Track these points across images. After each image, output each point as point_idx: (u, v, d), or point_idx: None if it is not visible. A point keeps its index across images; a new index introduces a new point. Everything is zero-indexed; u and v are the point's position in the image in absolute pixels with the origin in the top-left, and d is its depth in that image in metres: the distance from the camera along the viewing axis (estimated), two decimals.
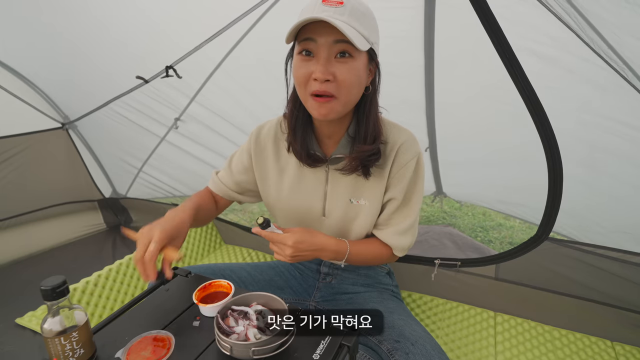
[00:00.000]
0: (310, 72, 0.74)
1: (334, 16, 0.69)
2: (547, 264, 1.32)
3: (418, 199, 0.91)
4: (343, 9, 0.70)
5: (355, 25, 0.71)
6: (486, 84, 1.32)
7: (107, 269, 1.47)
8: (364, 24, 0.72)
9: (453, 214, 2.81)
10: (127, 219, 2.44)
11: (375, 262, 0.97)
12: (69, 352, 0.56)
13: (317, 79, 0.73)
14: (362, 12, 0.72)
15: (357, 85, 0.77)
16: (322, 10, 0.70)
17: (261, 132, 0.96)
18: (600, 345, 1.27)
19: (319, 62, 0.72)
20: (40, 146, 2.01)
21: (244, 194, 1.03)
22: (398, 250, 0.94)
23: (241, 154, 1.00)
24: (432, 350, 0.75)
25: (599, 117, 1.07)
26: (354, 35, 0.69)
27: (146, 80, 1.62)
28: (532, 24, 0.99)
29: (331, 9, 0.70)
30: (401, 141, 0.87)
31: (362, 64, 0.75)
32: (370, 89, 0.82)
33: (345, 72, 0.73)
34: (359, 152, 0.83)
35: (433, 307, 1.46)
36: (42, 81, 1.87)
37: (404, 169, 0.87)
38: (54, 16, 1.46)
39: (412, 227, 0.92)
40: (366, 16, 0.73)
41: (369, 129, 0.83)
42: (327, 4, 0.70)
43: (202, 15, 1.36)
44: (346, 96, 0.76)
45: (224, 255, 1.90)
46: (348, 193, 0.91)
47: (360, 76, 0.76)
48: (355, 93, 0.78)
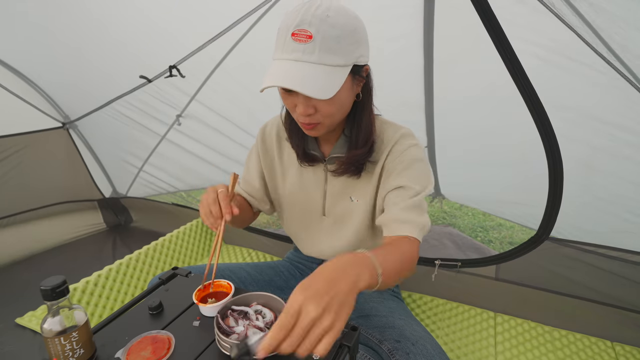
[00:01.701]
0: (294, 104, 0.74)
1: (302, 58, 0.67)
2: (547, 264, 1.32)
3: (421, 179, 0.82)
4: (313, 45, 0.66)
5: (328, 60, 0.67)
6: (486, 84, 1.31)
7: (107, 269, 1.47)
8: (339, 50, 0.67)
9: (453, 214, 2.81)
10: (128, 218, 2.44)
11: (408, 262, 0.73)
12: (69, 352, 0.56)
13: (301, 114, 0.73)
14: (335, 36, 0.66)
15: (341, 109, 0.77)
16: (292, 50, 0.67)
17: (265, 131, 0.98)
18: (600, 346, 1.27)
19: (299, 101, 0.72)
20: (40, 145, 2.01)
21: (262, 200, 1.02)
22: (413, 226, 0.78)
23: (250, 158, 1.01)
24: (433, 351, 0.75)
25: (599, 117, 1.07)
26: (320, 84, 0.67)
27: (149, 80, 1.62)
28: (532, 24, 0.99)
29: (300, 47, 0.66)
30: (397, 137, 0.85)
31: (344, 87, 0.72)
32: (361, 95, 0.80)
33: (326, 106, 0.72)
34: (350, 157, 0.84)
35: (433, 308, 1.46)
36: (43, 81, 1.88)
37: (400, 157, 0.83)
38: (54, 16, 1.46)
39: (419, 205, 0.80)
40: (341, 39, 0.67)
41: (361, 133, 0.82)
42: (296, 40, 0.66)
43: (206, 15, 1.36)
44: (331, 120, 0.77)
45: (224, 255, 1.90)
46: (348, 192, 0.91)
47: (343, 100, 0.75)
48: (342, 114, 0.78)
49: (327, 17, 0.66)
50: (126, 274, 1.53)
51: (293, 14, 0.68)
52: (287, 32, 0.67)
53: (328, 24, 0.66)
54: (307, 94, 0.66)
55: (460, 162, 1.83)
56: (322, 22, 0.66)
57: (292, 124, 0.87)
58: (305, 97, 0.71)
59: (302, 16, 0.66)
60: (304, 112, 0.73)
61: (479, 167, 1.72)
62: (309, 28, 0.65)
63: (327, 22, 0.66)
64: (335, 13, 0.67)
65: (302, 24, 0.66)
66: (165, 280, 0.82)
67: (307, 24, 0.66)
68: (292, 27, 0.67)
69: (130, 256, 1.58)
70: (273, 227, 2.31)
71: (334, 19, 0.67)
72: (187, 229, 1.88)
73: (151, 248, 1.67)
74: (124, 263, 1.53)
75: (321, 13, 0.66)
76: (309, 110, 0.72)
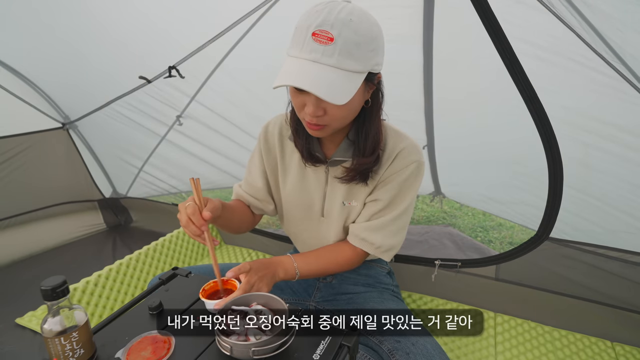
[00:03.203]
0: (303, 103, 0.73)
1: (321, 60, 0.65)
2: (547, 264, 1.32)
3: (403, 204, 0.88)
4: (333, 48, 0.64)
5: (346, 65, 0.66)
6: (485, 84, 1.32)
7: (107, 269, 1.47)
8: (359, 56, 0.67)
9: (453, 214, 2.81)
10: (127, 218, 2.44)
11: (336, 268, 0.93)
12: (69, 352, 0.56)
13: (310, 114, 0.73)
14: (356, 43, 0.66)
15: (350, 114, 0.77)
16: (311, 50, 0.66)
17: (268, 129, 0.97)
18: (600, 346, 1.27)
19: (310, 101, 0.72)
20: (40, 146, 2.01)
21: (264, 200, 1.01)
22: (377, 249, 0.89)
23: (252, 159, 1.01)
24: (433, 351, 0.75)
25: (599, 117, 1.07)
26: (337, 91, 0.66)
27: (149, 80, 1.62)
28: (532, 24, 0.99)
29: (320, 49, 0.65)
30: (399, 148, 0.85)
31: (356, 93, 0.72)
32: (370, 102, 0.79)
33: (336, 109, 0.72)
34: (358, 165, 0.83)
35: (433, 308, 1.46)
36: (43, 81, 1.88)
37: (395, 174, 0.86)
38: (54, 16, 1.46)
39: (387, 227, 0.88)
40: (361, 46, 0.66)
41: (368, 141, 0.82)
42: (317, 40, 0.65)
43: (206, 15, 1.36)
44: (339, 124, 0.77)
45: (224, 256, 1.90)
46: (343, 195, 0.91)
47: (353, 106, 0.75)
48: (350, 118, 0.78)
49: (350, 22, 0.65)
50: (126, 274, 1.53)
51: (314, 13, 0.66)
52: (308, 31, 0.66)
53: (351, 28, 0.65)
54: (322, 97, 0.65)
55: (460, 161, 1.83)
56: (344, 25, 0.65)
57: (298, 124, 0.86)
58: (317, 98, 0.69)
59: (325, 17, 0.65)
60: (313, 113, 0.72)
61: (479, 167, 1.72)
62: (331, 30, 0.64)
63: (349, 26, 0.65)
64: (358, 18, 0.66)
65: (324, 25, 0.64)
66: (165, 280, 0.82)
67: (330, 25, 0.64)
68: (313, 26, 0.65)
69: (130, 256, 1.58)
70: (273, 227, 2.31)
71: (356, 24, 0.65)
72: None
73: (151, 248, 1.68)
74: (124, 263, 1.53)
75: (344, 17, 0.65)
76: (318, 111, 0.72)
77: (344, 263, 0.93)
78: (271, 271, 0.80)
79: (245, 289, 0.72)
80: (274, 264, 0.83)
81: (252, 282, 0.73)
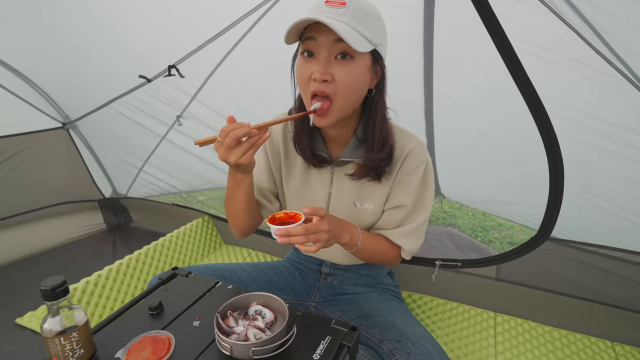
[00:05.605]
0: (311, 73, 0.74)
1: (335, 17, 0.69)
2: (547, 264, 1.32)
3: (427, 205, 0.92)
4: (345, 10, 0.69)
5: (357, 26, 0.70)
6: (486, 84, 1.31)
7: (107, 269, 1.47)
8: (368, 24, 0.71)
9: (453, 214, 2.81)
10: (128, 218, 2.44)
11: (381, 259, 0.95)
12: (69, 352, 0.56)
13: (316, 79, 0.73)
14: (366, 12, 0.71)
15: (355, 89, 0.76)
16: (324, 12, 0.70)
17: (271, 130, 0.96)
18: (600, 346, 1.27)
19: (319, 62, 0.73)
20: (40, 146, 2.01)
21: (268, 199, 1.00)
22: (405, 252, 0.94)
23: (258, 159, 1.00)
24: (433, 351, 0.75)
25: (600, 117, 1.07)
26: (351, 35, 0.68)
27: (149, 80, 1.62)
28: (532, 23, 0.99)
29: (333, 10, 0.70)
30: (409, 148, 0.87)
31: (363, 66, 0.75)
32: (374, 91, 0.81)
33: (343, 74, 0.73)
34: (369, 161, 0.84)
35: (433, 308, 1.46)
36: (43, 81, 1.87)
37: (409, 176, 0.88)
38: (54, 15, 1.46)
39: (417, 230, 0.92)
40: (370, 17, 0.72)
41: (376, 133, 0.82)
42: (329, 4, 0.70)
43: (206, 14, 1.36)
44: (343, 99, 0.75)
45: (224, 256, 1.90)
46: (352, 196, 0.91)
47: (359, 79, 0.75)
48: (354, 96, 0.77)
49: None
50: (126, 274, 1.53)
51: None
52: (321, 1, 0.71)
53: (360, 0, 0.72)
54: (342, 35, 0.66)
55: (460, 161, 1.83)
56: None
57: (304, 122, 0.87)
58: (326, 60, 0.72)
59: None
60: (321, 77, 0.72)
61: (479, 166, 1.72)
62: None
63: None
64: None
65: None
66: (165, 280, 0.82)
67: None
68: None
69: (130, 256, 1.58)
70: None
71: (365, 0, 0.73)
72: (187, 229, 1.88)
73: (151, 248, 1.68)
74: (124, 263, 1.53)
75: None
76: (325, 75, 0.72)
77: (389, 258, 0.94)
78: (339, 230, 0.78)
79: (310, 228, 0.69)
80: (344, 225, 0.81)
81: (320, 228, 0.71)
